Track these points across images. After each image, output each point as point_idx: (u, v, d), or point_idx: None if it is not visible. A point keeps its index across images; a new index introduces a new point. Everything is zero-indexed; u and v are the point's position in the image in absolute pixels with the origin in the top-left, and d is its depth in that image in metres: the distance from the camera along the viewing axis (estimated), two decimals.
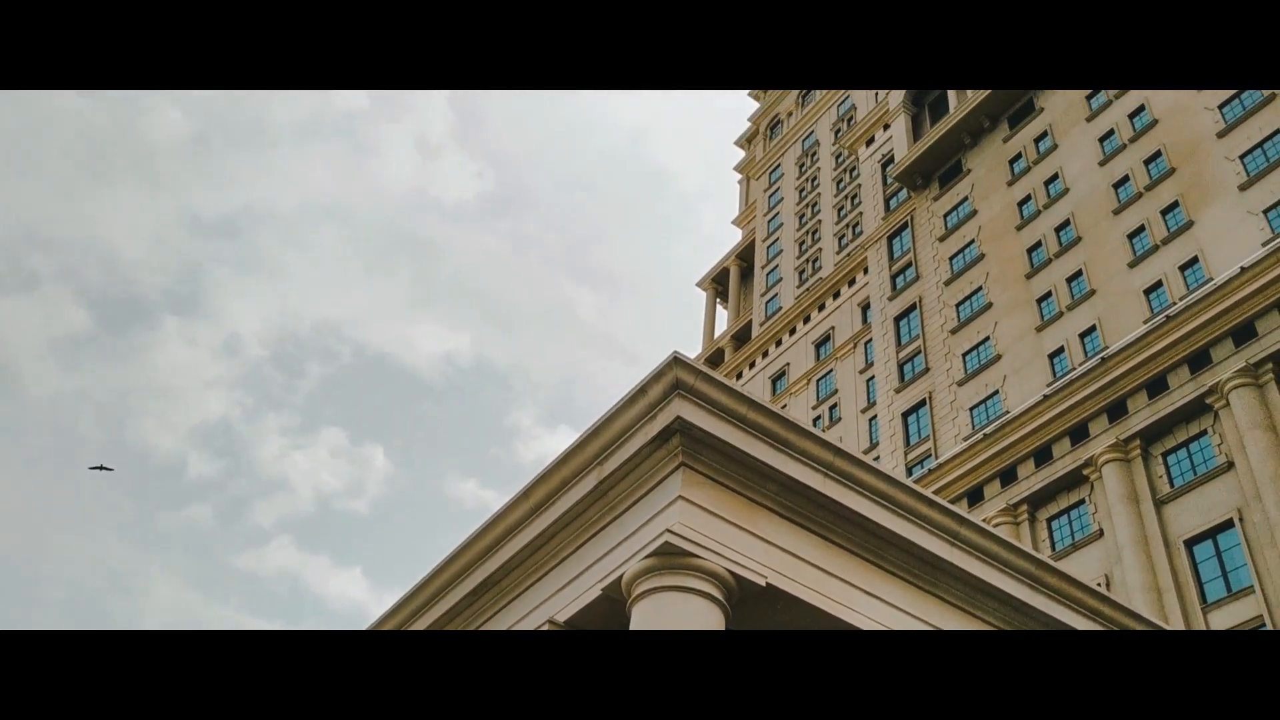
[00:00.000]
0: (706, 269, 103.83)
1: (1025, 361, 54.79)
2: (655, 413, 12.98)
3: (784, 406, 76.23)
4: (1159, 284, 49.97)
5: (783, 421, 13.44)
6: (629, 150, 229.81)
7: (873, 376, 68.99)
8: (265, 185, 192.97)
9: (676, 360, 12.84)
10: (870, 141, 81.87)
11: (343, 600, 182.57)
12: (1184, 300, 46.13)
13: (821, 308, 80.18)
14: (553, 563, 14.58)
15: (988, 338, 58.48)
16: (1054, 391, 48.63)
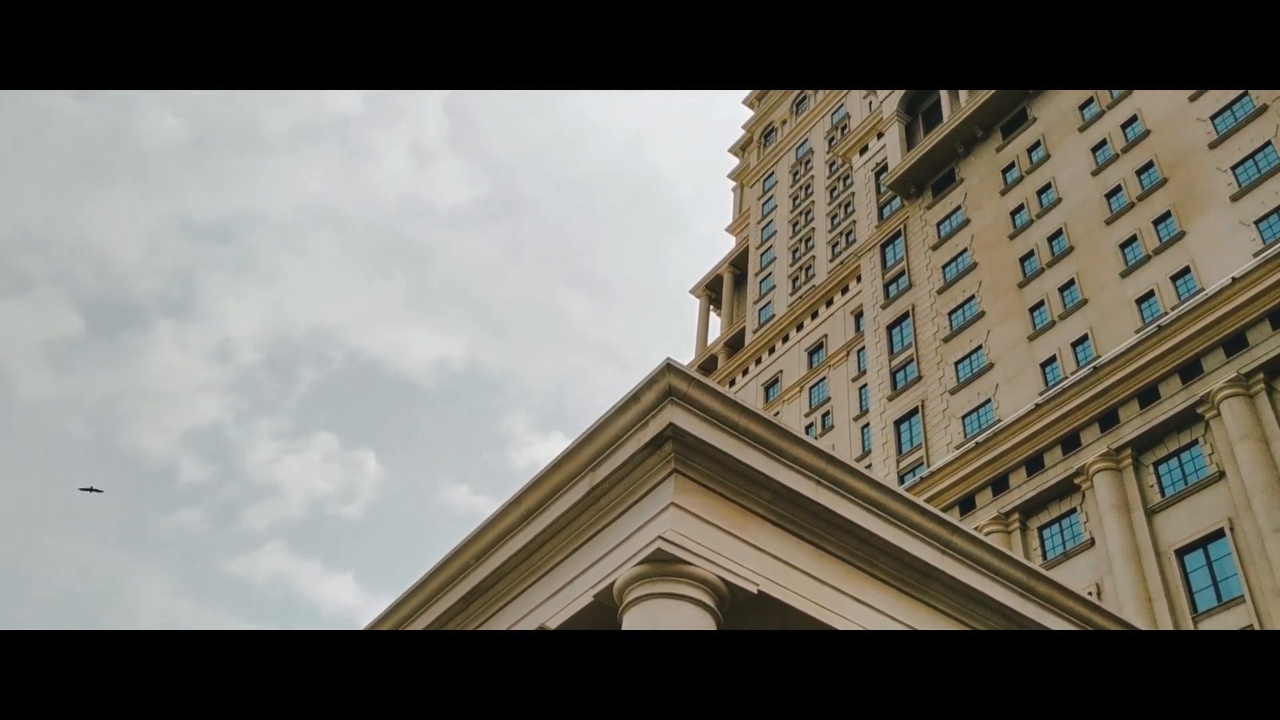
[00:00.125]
0: (700, 276, 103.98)
1: (1017, 370, 54.90)
2: (648, 419, 12.97)
3: (777, 414, 76.27)
4: (1151, 294, 50.14)
5: (775, 429, 13.44)
6: (624, 156, 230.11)
7: (865, 384, 69.08)
8: (259, 189, 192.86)
9: (669, 367, 12.84)
10: (864, 150, 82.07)
11: (334, 606, 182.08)
12: (1175, 310, 46.30)
13: (814, 315, 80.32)
14: (544, 569, 14.55)
15: (980, 346, 58.60)
16: (1046, 400, 48.76)
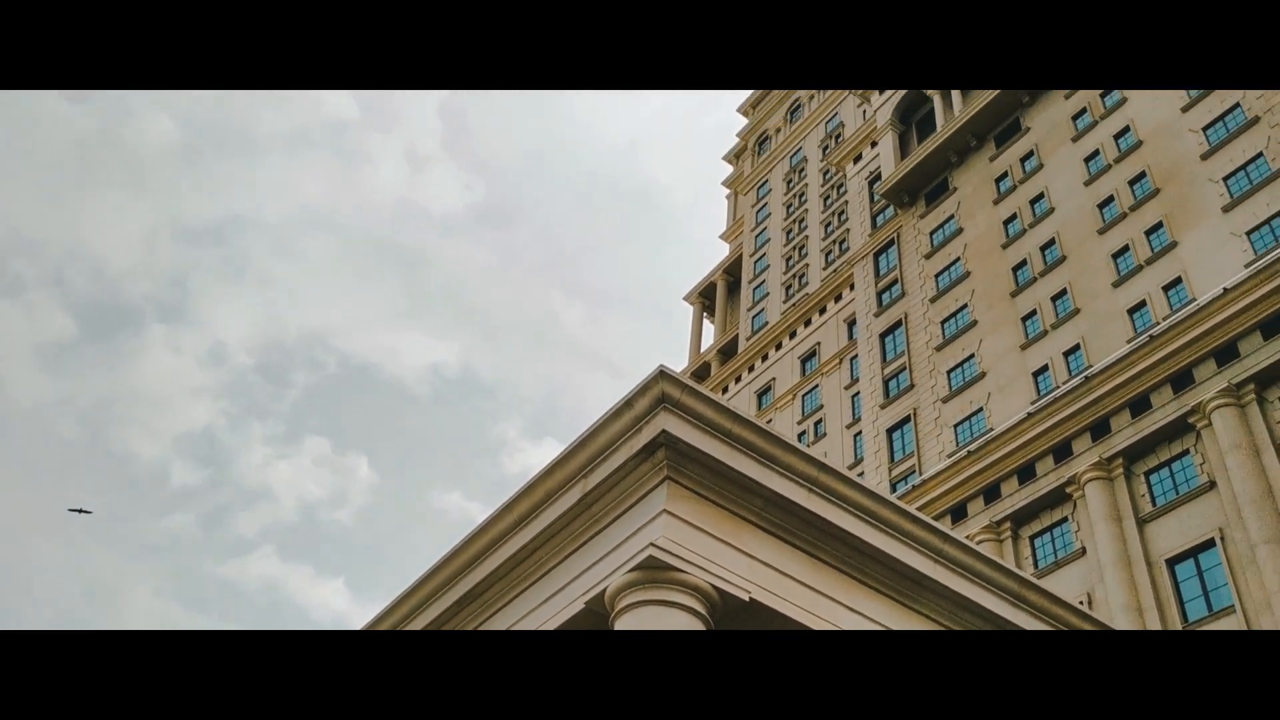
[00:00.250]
0: (694, 283, 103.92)
1: (1009, 379, 55.00)
2: (641, 426, 12.98)
3: (769, 421, 76.29)
4: (1143, 304, 50.29)
5: (768, 436, 13.46)
6: (618, 163, 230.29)
7: (858, 392, 69.16)
8: (253, 194, 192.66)
9: (662, 374, 12.85)
10: (858, 159, 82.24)
11: (325, 611, 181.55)
12: (1167, 320, 46.43)
13: (807, 323, 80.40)
14: (537, 575, 14.54)
15: (972, 355, 58.69)
16: (1038, 409, 48.83)
